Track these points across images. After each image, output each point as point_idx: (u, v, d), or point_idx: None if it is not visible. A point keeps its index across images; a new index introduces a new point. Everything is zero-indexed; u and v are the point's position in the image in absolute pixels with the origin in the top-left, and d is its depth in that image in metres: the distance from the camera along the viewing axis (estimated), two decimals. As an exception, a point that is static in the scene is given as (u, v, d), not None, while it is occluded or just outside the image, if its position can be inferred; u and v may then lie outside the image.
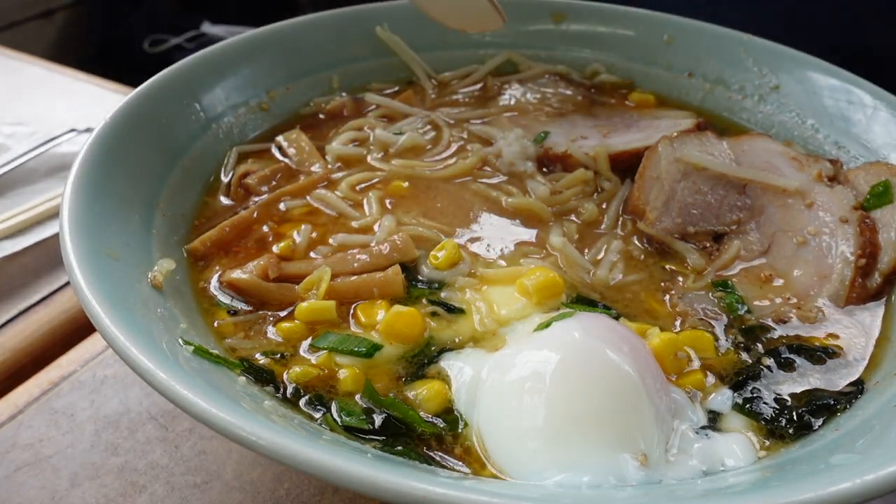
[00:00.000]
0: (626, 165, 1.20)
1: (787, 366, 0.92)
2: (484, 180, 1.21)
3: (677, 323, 0.97)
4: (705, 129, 1.24)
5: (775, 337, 0.96)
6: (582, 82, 1.46)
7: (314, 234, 1.07)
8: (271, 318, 0.95)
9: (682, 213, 1.10)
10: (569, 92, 1.42)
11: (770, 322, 0.98)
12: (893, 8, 1.73)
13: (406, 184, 1.18)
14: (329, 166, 1.21)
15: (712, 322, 0.97)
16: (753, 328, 0.97)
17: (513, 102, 1.39)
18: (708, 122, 1.32)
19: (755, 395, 0.87)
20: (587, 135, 1.28)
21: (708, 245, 1.10)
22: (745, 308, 0.99)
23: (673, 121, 1.31)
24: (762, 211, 1.11)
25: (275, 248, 1.04)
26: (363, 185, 1.18)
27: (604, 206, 1.16)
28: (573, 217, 1.14)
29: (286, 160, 1.22)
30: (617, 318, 0.96)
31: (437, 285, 1.00)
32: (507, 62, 1.48)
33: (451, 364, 0.89)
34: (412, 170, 1.21)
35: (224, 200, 1.14)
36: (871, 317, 0.99)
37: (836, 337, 0.96)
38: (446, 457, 0.79)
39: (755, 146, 1.19)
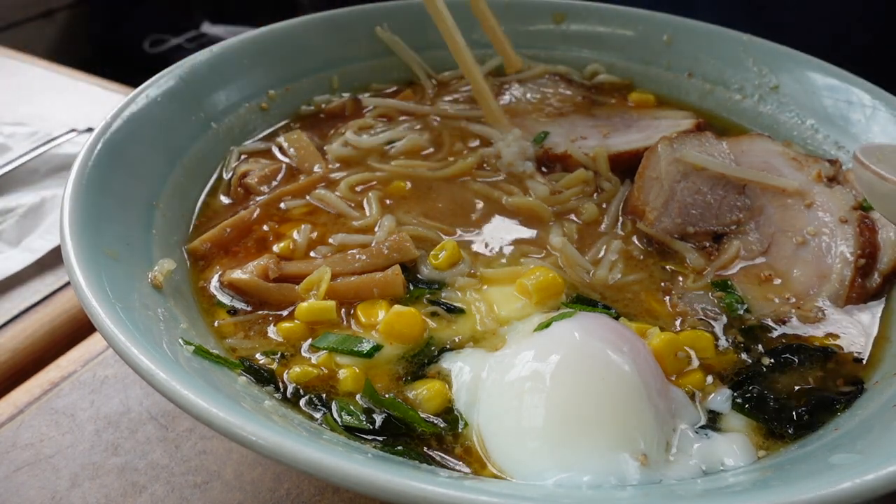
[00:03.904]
0: (626, 166, 1.20)
1: (786, 366, 0.92)
2: (484, 180, 1.21)
3: (677, 323, 0.97)
4: (705, 130, 1.24)
5: (775, 337, 0.96)
6: (582, 82, 1.46)
7: (314, 234, 1.07)
8: (271, 318, 0.95)
9: (682, 213, 1.10)
10: (569, 92, 1.42)
11: (770, 322, 0.98)
12: (893, 7, 1.73)
13: (407, 184, 1.18)
14: (329, 166, 1.21)
15: (712, 322, 0.98)
16: (753, 328, 0.97)
17: (513, 102, 1.39)
18: (708, 122, 1.32)
19: (755, 394, 0.88)
20: (587, 135, 1.28)
21: (707, 245, 1.10)
22: (745, 308, 0.99)
23: (673, 121, 1.31)
24: (762, 211, 1.11)
25: (275, 248, 1.04)
26: (363, 186, 1.18)
27: (604, 206, 1.16)
28: (573, 217, 1.15)
29: (286, 160, 1.23)
30: (617, 318, 0.96)
31: (437, 285, 1.00)
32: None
33: (451, 364, 0.89)
34: (412, 170, 1.21)
35: (224, 200, 1.14)
36: (871, 317, 0.99)
37: (836, 337, 0.96)
38: (446, 457, 0.79)
39: (755, 146, 1.20)
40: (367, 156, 1.24)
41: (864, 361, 0.94)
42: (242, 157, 1.22)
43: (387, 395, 0.85)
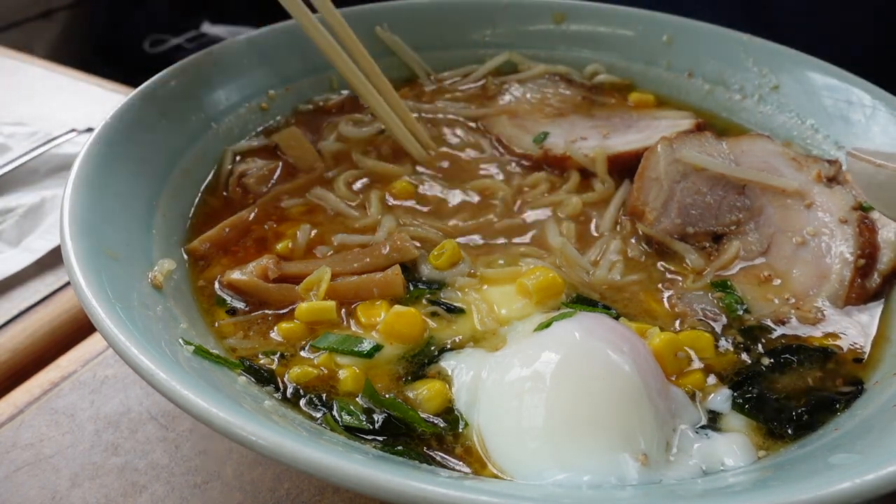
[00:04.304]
0: (626, 166, 1.20)
1: (786, 366, 0.92)
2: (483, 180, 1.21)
3: (677, 323, 0.97)
4: (705, 130, 1.24)
5: (774, 337, 0.96)
6: (582, 82, 1.46)
7: (313, 234, 1.08)
8: (271, 319, 0.95)
9: (682, 213, 1.10)
10: (568, 92, 1.42)
11: (769, 322, 0.98)
12: (893, 8, 1.73)
13: (405, 183, 1.18)
14: (326, 163, 1.22)
15: (712, 322, 0.98)
16: (753, 328, 0.97)
17: (513, 102, 1.39)
18: (707, 122, 1.32)
19: (755, 394, 0.88)
20: (587, 135, 1.28)
21: (707, 245, 1.10)
22: (745, 308, 0.99)
23: (672, 121, 1.30)
24: (761, 211, 1.11)
25: (277, 247, 1.04)
26: (361, 186, 1.18)
27: (584, 197, 1.17)
28: (557, 212, 1.15)
29: (285, 159, 1.22)
30: (617, 318, 0.96)
31: (437, 285, 1.00)
32: (507, 62, 1.48)
33: (452, 364, 0.89)
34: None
35: (224, 200, 1.14)
36: (870, 317, 0.99)
37: (835, 337, 0.96)
38: (446, 457, 0.80)
39: (754, 147, 1.19)
40: (355, 147, 1.25)
41: (864, 362, 0.94)
42: (240, 156, 1.21)
43: (387, 395, 0.85)
